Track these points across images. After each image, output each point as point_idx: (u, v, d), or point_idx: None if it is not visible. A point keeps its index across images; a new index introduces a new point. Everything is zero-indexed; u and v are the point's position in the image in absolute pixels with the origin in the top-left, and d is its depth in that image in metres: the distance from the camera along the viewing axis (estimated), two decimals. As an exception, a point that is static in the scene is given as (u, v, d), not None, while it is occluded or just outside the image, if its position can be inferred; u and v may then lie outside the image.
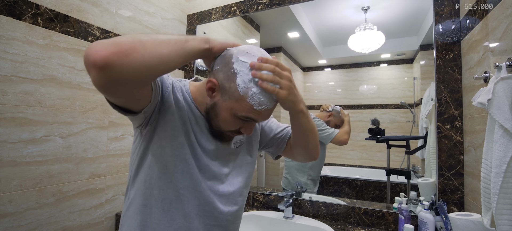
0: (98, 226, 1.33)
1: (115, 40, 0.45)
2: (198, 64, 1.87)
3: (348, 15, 1.54)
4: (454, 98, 1.15)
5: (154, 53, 0.48)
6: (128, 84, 0.49)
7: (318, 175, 1.57)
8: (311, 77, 1.72)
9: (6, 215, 1.00)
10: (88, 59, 0.43)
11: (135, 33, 0.51)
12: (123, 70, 0.45)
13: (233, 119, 0.63)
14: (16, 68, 1.03)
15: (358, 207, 1.31)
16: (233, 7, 1.72)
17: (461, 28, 1.14)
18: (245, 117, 0.62)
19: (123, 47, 0.44)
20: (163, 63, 0.50)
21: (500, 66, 0.73)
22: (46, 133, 1.12)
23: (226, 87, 0.61)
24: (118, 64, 0.44)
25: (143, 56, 0.46)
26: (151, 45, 0.48)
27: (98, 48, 0.43)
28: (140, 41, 0.47)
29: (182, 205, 0.68)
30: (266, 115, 0.64)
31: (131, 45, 0.45)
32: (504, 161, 0.67)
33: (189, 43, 0.55)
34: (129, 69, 0.45)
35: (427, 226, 1.05)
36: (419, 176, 1.34)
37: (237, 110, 0.61)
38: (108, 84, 0.47)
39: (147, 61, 0.47)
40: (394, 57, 1.49)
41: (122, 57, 0.44)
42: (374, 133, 1.41)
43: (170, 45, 0.51)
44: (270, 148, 0.87)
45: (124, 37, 0.47)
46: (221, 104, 0.63)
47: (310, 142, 0.76)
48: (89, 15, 1.28)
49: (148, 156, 0.67)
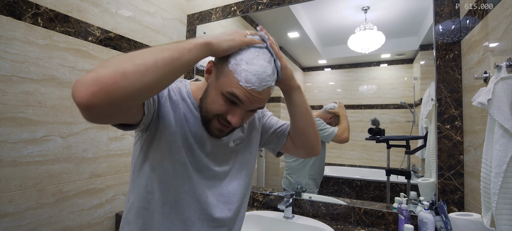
0: (98, 226, 1.33)
1: (97, 75, 0.42)
2: (198, 64, 1.87)
3: (348, 15, 1.54)
4: (454, 98, 1.15)
5: (138, 84, 0.44)
6: (115, 115, 0.49)
7: (320, 175, 1.57)
8: (311, 77, 1.72)
9: (6, 215, 1.00)
10: (73, 98, 0.42)
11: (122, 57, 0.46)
12: (107, 107, 0.43)
13: (220, 98, 0.60)
14: (16, 68, 1.03)
15: (358, 207, 1.31)
16: (233, 7, 1.73)
17: (461, 28, 1.14)
18: (231, 94, 0.58)
19: (104, 84, 0.42)
20: (149, 90, 0.47)
21: (500, 66, 0.73)
22: (46, 133, 1.12)
23: (219, 67, 0.61)
24: (100, 103, 0.42)
25: (125, 90, 0.43)
26: (134, 75, 0.44)
27: (80, 89, 0.41)
28: (122, 73, 0.43)
29: (182, 209, 0.68)
30: (253, 100, 0.59)
31: (112, 80, 0.42)
32: (504, 161, 0.67)
33: (183, 58, 0.50)
34: (113, 105, 0.44)
35: (427, 226, 1.05)
36: (419, 176, 1.34)
37: (224, 85, 0.58)
38: (96, 120, 0.46)
39: (130, 94, 0.44)
40: (394, 57, 1.49)
41: (103, 96, 0.42)
42: (374, 133, 1.41)
43: (158, 69, 0.46)
44: (270, 144, 0.87)
45: (106, 68, 0.43)
46: (211, 84, 0.63)
47: (309, 127, 0.77)
48: (89, 15, 1.28)
49: (148, 159, 0.67)
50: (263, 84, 0.58)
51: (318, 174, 1.57)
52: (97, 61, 1.31)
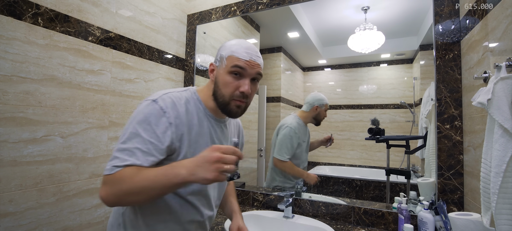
0: (99, 226, 1.33)
1: (115, 189, 0.65)
2: (198, 64, 1.87)
3: (348, 15, 1.54)
4: (453, 98, 1.15)
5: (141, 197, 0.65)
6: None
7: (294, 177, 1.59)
8: (311, 77, 1.72)
9: (7, 214, 1.00)
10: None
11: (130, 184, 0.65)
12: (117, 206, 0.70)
13: (228, 77, 0.76)
14: (17, 68, 1.03)
15: (358, 207, 1.31)
16: (233, 7, 1.73)
17: (461, 28, 1.14)
18: (235, 66, 0.75)
19: (118, 197, 0.65)
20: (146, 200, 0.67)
21: (500, 66, 0.73)
22: (46, 133, 1.12)
23: (218, 61, 0.80)
24: (114, 205, 0.68)
25: (129, 202, 0.69)
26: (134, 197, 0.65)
27: (108, 195, 0.65)
28: (129, 193, 0.64)
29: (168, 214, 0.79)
30: (252, 66, 0.76)
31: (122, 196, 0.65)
32: (504, 161, 0.67)
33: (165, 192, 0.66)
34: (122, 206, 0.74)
35: (426, 225, 1.05)
36: (418, 175, 1.34)
37: (228, 66, 0.76)
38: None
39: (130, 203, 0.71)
40: (394, 57, 1.49)
41: (116, 203, 0.67)
42: (374, 133, 1.42)
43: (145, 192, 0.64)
44: None
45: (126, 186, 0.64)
46: (218, 73, 0.79)
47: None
48: (90, 15, 1.28)
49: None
50: (254, 53, 0.78)
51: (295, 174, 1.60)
52: (97, 61, 1.31)
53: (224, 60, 0.77)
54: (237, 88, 0.76)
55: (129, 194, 0.63)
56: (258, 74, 0.78)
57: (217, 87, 0.78)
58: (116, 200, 0.64)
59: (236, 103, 0.77)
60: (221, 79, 0.77)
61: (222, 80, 0.77)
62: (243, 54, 0.76)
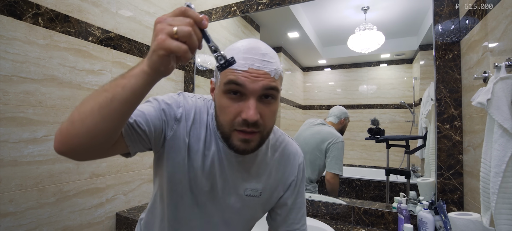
0: (99, 226, 1.33)
1: (60, 126, 0.48)
2: (198, 64, 1.87)
3: (348, 15, 1.54)
4: (453, 98, 1.15)
5: (83, 130, 0.45)
6: (92, 155, 0.50)
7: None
8: (311, 77, 1.72)
9: (7, 214, 1.01)
10: None
11: (79, 104, 0.47)
12: (73, 152, 0.47)
13: (225, 99, 0.54)
14: (17, 68, 1.03)
15: (357, 207, 1.31)
16: (233, 7, 1.73)
17: (461, 28, 1.14)
18: (229, 83, 0.52)
19: (61, 134, 0.47)
20: (95, 135, 0.45)
21: (499, 66, 0.73)
22: (46, 133, 1.12)
23: (215, 76, 0.60)
24: (65, 150, 0.47)
25: (76, 136, 0.45)
26: (78, 123, 0.45)
27: (55, 138, 0.48)
28: (71, 122, 0.46)
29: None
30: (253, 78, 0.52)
31: (66, 130, 0.46)
32: (503, 161, 0.67)
33: (118, 97, 0.44)
34: (75, 150, 0.47)
35: (426, 225, 1.05)
36: (418, 175, 1.35)
37: (222, 84, 0.54)
38: (81, 160, 0.52)
39: (81, 140, 0.45)
40: (393, 57, 1.50)
41: (64, 144, 0.46)
42: (374, 133, 1.42)
43: (94, 114, 0.44)
44: (271, 211, 0.75)
45: (69, 117, 0.47)
46: (216, 94, 0.59)
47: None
48: (90, 15, 1.28)
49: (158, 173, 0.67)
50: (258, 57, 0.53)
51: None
52: (97, 61, 1.31)
53: (218, 74, 0.57)
54: (238, 114, 0.54)
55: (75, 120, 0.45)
56: (267, 88, 0.53)
57: (216, 113, 0.59)
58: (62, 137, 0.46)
59: (239, 137, 0.55)
60: (218, 102, 0.57)
61: (218, 104, 0.57)
62: (240, 62, 0.52)
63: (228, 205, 0.66)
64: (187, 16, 0.42)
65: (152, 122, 0.56)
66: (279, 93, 0.57)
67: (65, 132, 0.46)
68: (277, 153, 0.70)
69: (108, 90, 0.45)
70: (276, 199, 0.72)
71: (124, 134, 0.53)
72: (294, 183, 0.72)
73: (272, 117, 0.57)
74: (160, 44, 0.41)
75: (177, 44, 0.41)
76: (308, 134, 1.58)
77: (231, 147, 0.57)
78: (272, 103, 0.56)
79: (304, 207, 0.75)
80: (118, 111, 0.44)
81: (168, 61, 0.43)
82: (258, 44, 0.55)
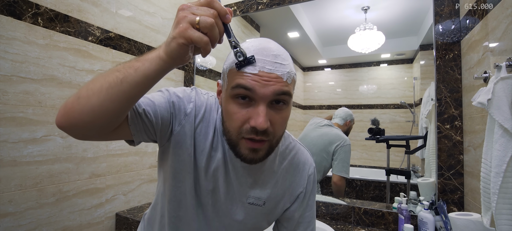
0: (98, 226, 1.33)
1: (66, 100, 0.47)
2: (198, 64, 1.87)
3: (348, 15, 1.54)
4: (454, 98, 1.15)
5: (86, 108, 0.44)
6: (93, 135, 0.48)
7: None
8: (311, 77, 1.72)
9: (7, 214, 1.00)
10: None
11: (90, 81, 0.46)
12: (73, 128, 0.46)
13: (232, 105, 0.51)
14: (17, 68, 1.03)
15: (358, 207, 1.31)
16: (233, 7, 1.73)
17: (461, 28, 1.14)
18: (237, 87, 0.49)
19: (65, 108, 0.46)
20: (99, 114, 0.44)
21: (500, 66, 0.73)
22: (46, 133, 1.12)
23: (222, 79, 0.56)
24: (65, 125, 0.46)
25: (80, 114, 0.44)
26: (84, 100, 0.44)
27: (59, 111, 0.47)
28: (77, 98, 0.45)
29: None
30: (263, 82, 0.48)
31: (70, 105, 0.45)
32: (504, 161, 0.67)
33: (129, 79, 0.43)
34: (76, 127, 0.46)
35: (427, 226, 1.05)
36: (419, 175, 1.34)
37: (229, 88, 0.51)
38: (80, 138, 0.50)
39: (84, 118, 0.44)
40: (394, 57, 1.49)
41: (65, 119, 0.45)
42: (374, 133, 1.41)
43: (102, 93, 0.43)
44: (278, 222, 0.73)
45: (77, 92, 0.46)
46: (223, 98, 0.55)
47: None
48: (89, 15, 1.28)
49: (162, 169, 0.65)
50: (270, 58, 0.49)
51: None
52: (97, 61, 1.31)
53: (225, 77, 0.53)
54: (247, 121, 0.50)
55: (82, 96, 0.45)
56: (279, 93, 0.49)
57: (223, 119, 0.55)
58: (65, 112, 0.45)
59: (247, 145, 0.51)
60: (225, 107, 0.53)
61: (225, 109, 0.53)
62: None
63: (229, 211, 0.64)
64: (212, 7, 0.42)
65: (161, 113, 0.55)
66: (292, 98, 0.53)
67: (70, 106, 0.45)
68: (286, 161, 0.66)
69: (120, 70, 0.44)
70: (282, 211, 0.68)
71: (130, 121, 0.51)
72: (302, 195, 0.67)
73: (283, 124, 0.53)
74: (181, 32, 0.40)
75: (199, 35, 0.40)
76: (315, 135, 1.57)
77: (238, 156, 0.54)
78: (283, 109, 0.52)
79: (314, 223, 0.70)
80: (126, 94, 0.43)
81: (186, 50, 0.42)
82: (269, 44, 0.52)
